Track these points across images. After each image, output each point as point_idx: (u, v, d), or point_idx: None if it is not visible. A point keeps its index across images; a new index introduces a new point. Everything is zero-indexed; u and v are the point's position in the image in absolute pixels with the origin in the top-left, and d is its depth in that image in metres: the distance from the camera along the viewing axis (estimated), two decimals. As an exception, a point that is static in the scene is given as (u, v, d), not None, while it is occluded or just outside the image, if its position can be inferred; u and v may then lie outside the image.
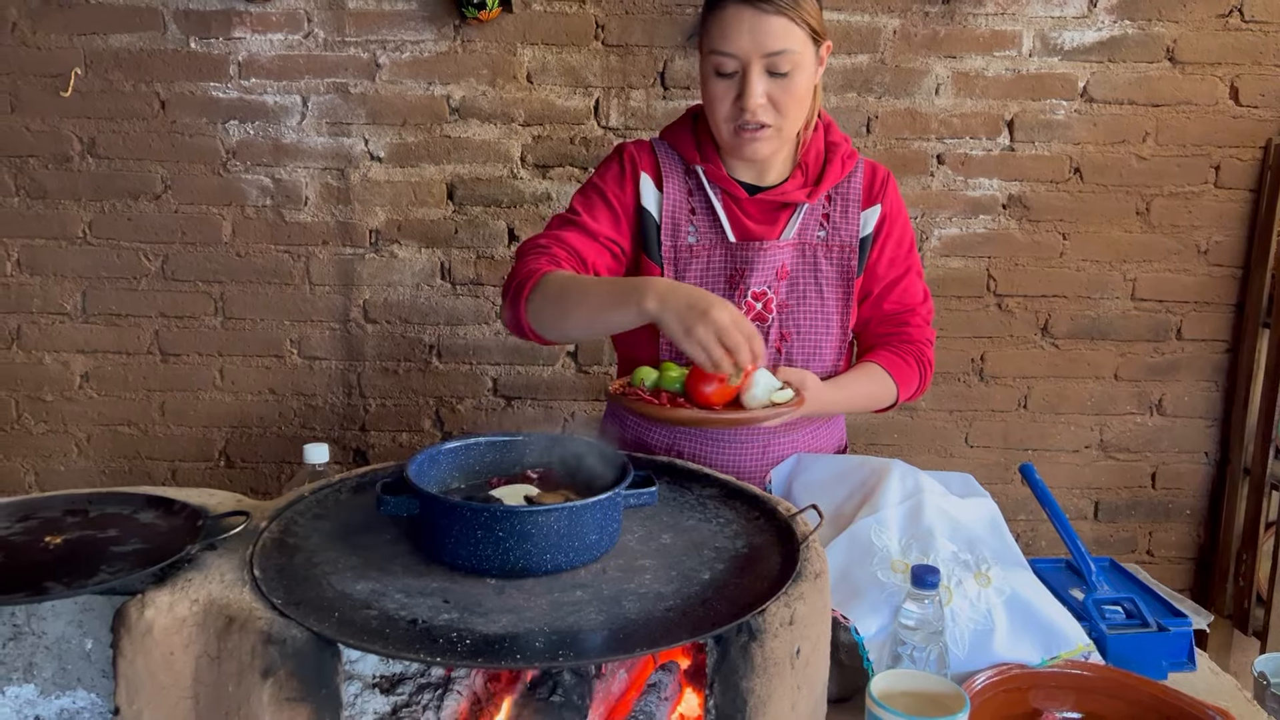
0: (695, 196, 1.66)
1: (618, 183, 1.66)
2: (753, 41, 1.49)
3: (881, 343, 1.74)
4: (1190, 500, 2.91)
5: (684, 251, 1.65)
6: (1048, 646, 1.29)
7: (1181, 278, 2.77)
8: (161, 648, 1.00)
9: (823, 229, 1.67)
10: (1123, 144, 2.69)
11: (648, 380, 1.49)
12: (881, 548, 1.35)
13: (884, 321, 1.75)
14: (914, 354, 1.72)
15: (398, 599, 1.02)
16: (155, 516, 1.21)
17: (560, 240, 1.58)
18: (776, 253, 1.64)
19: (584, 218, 1.62)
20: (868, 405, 1.71)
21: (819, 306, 1.67)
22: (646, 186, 1.65)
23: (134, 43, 2.59)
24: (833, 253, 1.67)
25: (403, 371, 2.78)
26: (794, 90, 1.53)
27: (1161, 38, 2.64)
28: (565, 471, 1.30)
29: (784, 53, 1.50)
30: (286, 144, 2.65)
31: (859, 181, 1.69)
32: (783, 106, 1.53)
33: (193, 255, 2.70)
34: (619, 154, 1.69)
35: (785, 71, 1.51)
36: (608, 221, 1.64)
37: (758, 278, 1.63)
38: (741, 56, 1.50)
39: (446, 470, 1.27)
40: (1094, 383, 2.82)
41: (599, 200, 1.65)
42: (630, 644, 0.94)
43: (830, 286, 1.67)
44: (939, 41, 2.63)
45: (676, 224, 1.65)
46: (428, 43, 2.61)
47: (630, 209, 1.66)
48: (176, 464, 2.83)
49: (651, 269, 1.65)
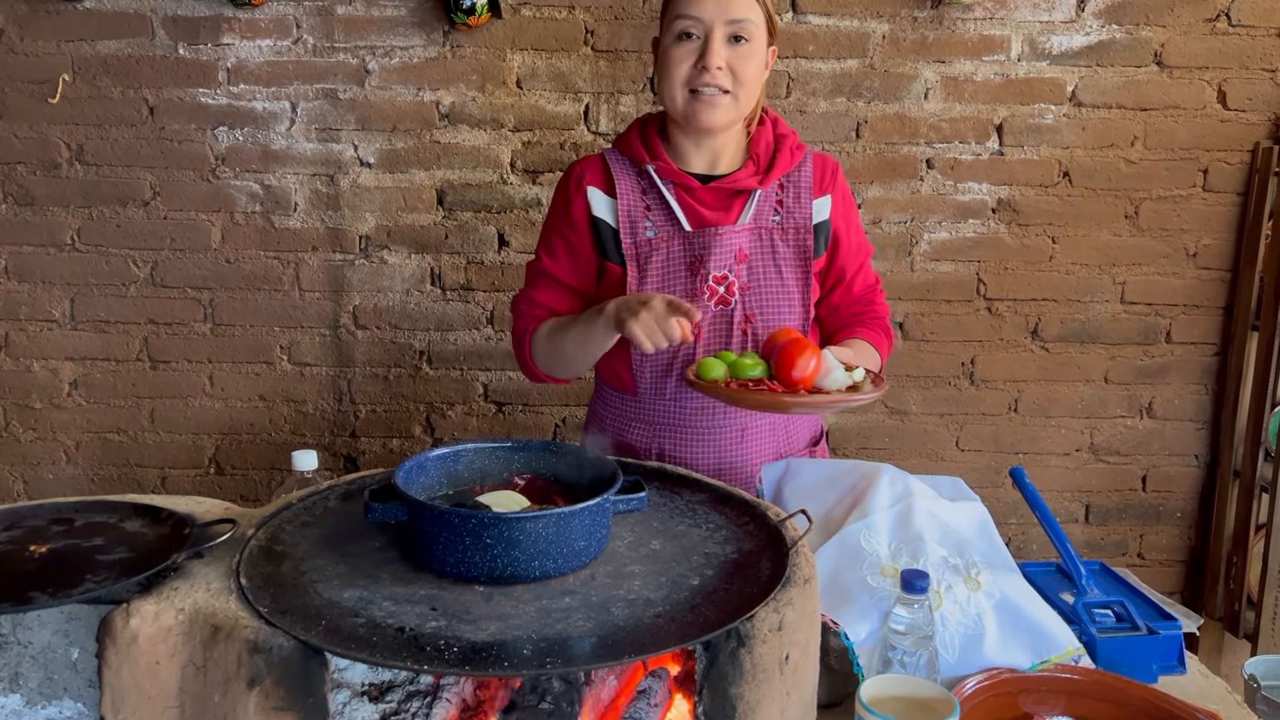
0: (649, 194, 1.72)
1: (565, 212, 1.74)
2: (717, 7, 1.58)
3: (856, 321, 1.84)
4: (1181, 503, 2.92)
5: (644, 246, 1.70)
6: (1038, 650, 1.29)
7: (1170, 281, 2.78)
8: (147, 657, 0.99)
9: (777, 214, 1.73)
10: (1111, 148, 2.70)
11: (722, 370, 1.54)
12: (871, 552, 1.35)
13: (855, 303, 1.85)
14: (882, 328, 1.84)
15: (385, 607, 1.02)
16: (142, 525, 1.20)
17: (535, 303, 1.76)
18: (733, 237, 1.69)
19: (546, 264, 1.76)
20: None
21: (779, 287, 1.72)
22: (595, 197, 1.72)
23: (122, 49, 2.58)
24: (788, 235, 1.72)
25: (393, 378, 2.77)
26: (752, 59, 1.62)
27: (1149, 42, 2.65)
28: (553, 478, 1.30)
29: (744, 21, 1.60)
30: (276, 150, 2.64)
31: (809, 171, 1.76)
32: (740, 74, 1.61)
33: (182, 262, 2.69)
34: (566, 176, 1.77)
35: (745, 39, 1.60)
36: (568, 261, 1.75)
37: (716, 262, 1.68)
38: (706, 20, 1.59)
39: (434, 477, 1.26)
40: (1084, 386, 2.83)
41: (558, 241, 1.76)
42: (618, 651, 0.94)
43: (789, 267, 1.72)
44: (928, 46, 2.64)
45: (634, 222, 1.71)
46: (417, 48, 2.60)
47: (584, 232, 1.73)
48: (166, 471, 2.82)
49: (613, 270, 1.72)
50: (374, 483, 1.21)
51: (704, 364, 1.55)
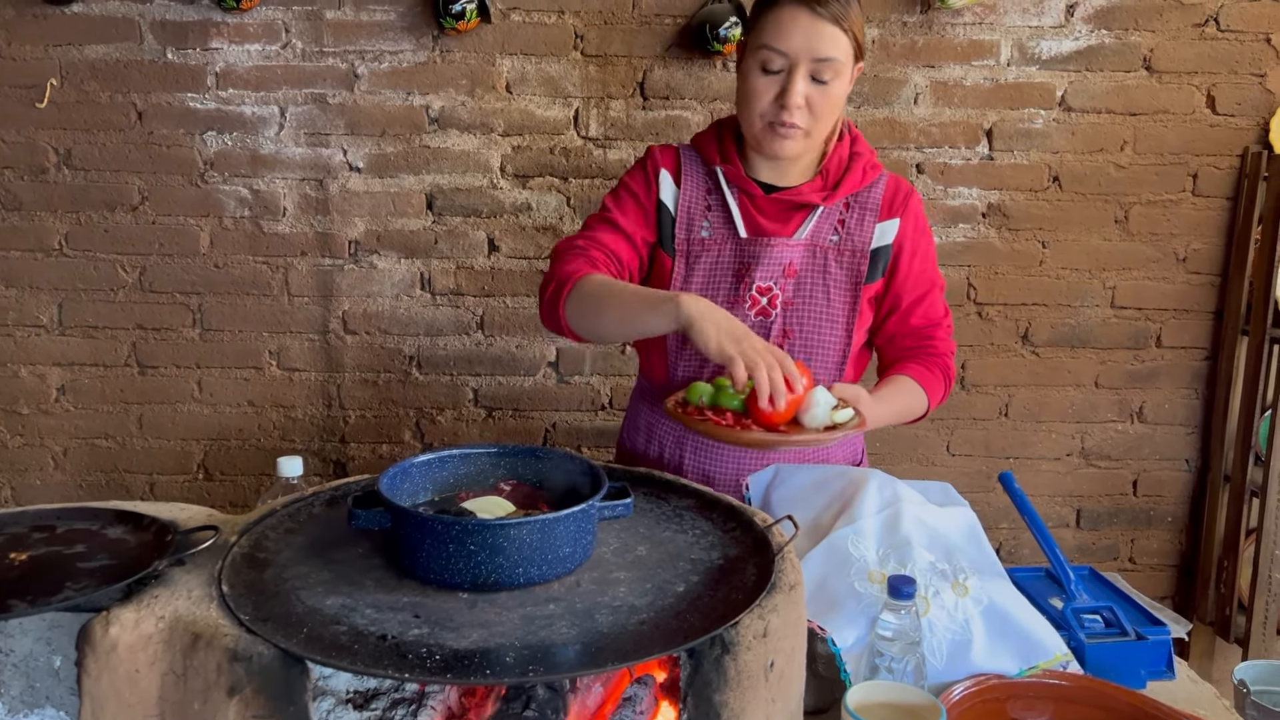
0: (713, 195, 1.71)
1: (644, 182, 1.72)
2: (805, 43, 1.53)
3: (909, 356, 1.76)
4: (1172, 507, 2.92)
5: (696, 245, 1.69)
6: (1026, 656, 1.29)
7: (1161, 285, 2.78)
8: (126, 665, 0.98)
9: (836, 234, 1.69)
10: (1101, 152, 2.71)
11: (706, 397, 1.50)
12: (859, 558, 1.34)
13: (910, 335, 1.77)
14: (940, 366, 1.75)
15: (368, 614, 1.01)
16: (124, 532, 1.19)
17: (596, 241, 1.66)
18: (785, 250, 1.66)
19: (615, 214, 1.70)
20: (905, 418, 1.73)
21: (824, 307, 1.69)
22: (665, 182, 1.71)
23: (110, 53, 2.57)
24: (844, 257, 1.69)
25: (382, 383, 2.77)
26: (831, 98, 1.57)
27: (1138, 47, 2.66)
28: (539, 483, 1.29)
29: (830, 60, 1.54)
30: (264, 155, 2.64)
31: (879, 192, 1.71)
32: (818, 111, 1.57)
33: (170, 267, 2.68)
34: (645, 158, 1.76)
35: (827, 79, 1.55)
36: (637, 218, 1.71)
37: (763, 273, 1.66)
38: (791, 56, 1.54)
39: (419, 483, 1.25)
40: (1074, 390, 2.83)
41: (629, 198, 1.72)
42: (602, 658, 0.93)
43: (838, 289, 1.69)
44: (917, 51, 2.64)
45: (692, 218, 1.70)
46: (406, 53, 2.60)
47: (653, 205, 1.72)
48: (154, 477, 2.80)
49: (664, 261, 1.71)
50: (358, 489, 1.20)
51: (691, 387, 1.53)
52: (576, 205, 2.69)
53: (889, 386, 1.69)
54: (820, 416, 1.44)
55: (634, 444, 1.85)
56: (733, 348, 1.36)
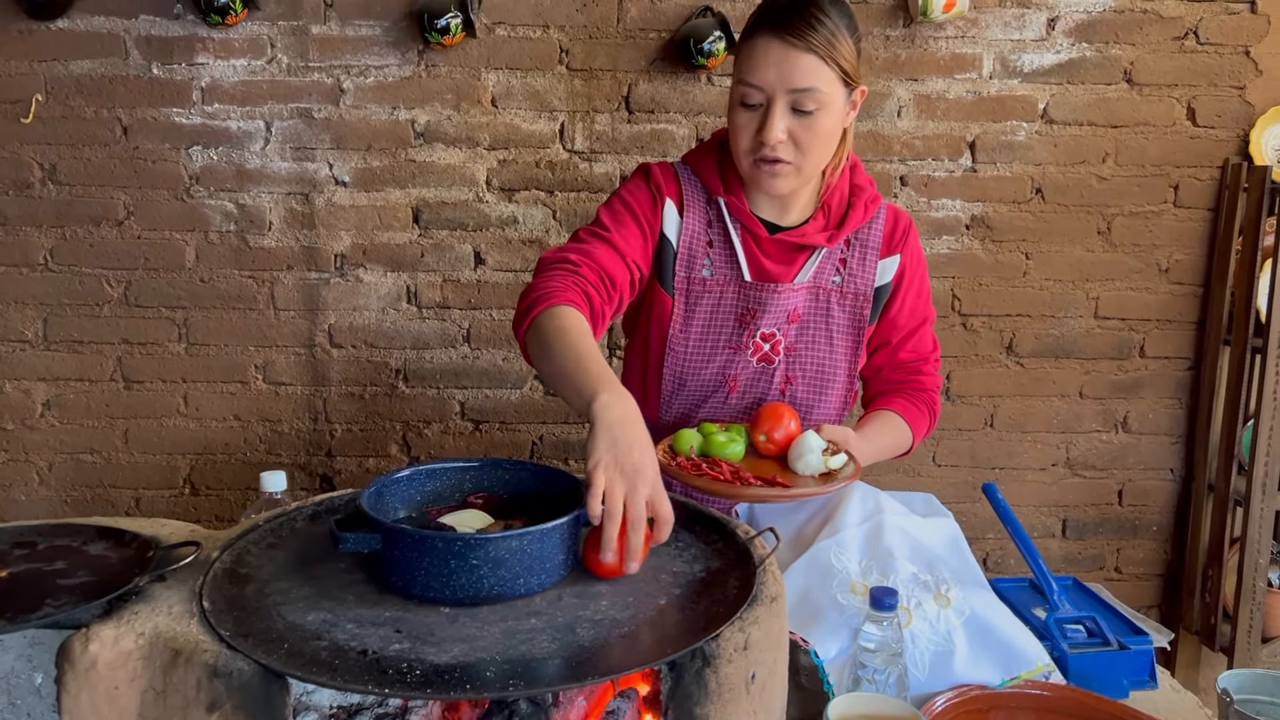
0: (714, 229, 1.63)
1: (650, 204, 1.62)
2: (779, 75, 1.47)
3: (895, 389, 1.75)
4: (1157, 517, 2.93)
5: (697, 284, 1.63)
6: (1008, 667, 1.29)
7: (1144, 296, 2.80)
8: (106, 682, 0.98)
9: (839, 274, 1.66)
10: (1083, 164, 2.73)
11: (695, 446, 1.50)
12: (841, 570, 1.34)
13: (898, 369, 1.76)
14: (926, 402, 1.74)
15: (349, 629, 1.01)
16: (105, 548, 1.19)
17: (589, 257, 1.51)
18: (790, 295, 1.62)
19: (613, 232, 1.57)
20: (890, 454, 1.72)
21: (828, 352, 1.67)
22: (669, 213, 1.63)
23: (95, 69, 2.57)
24: (846, 300, 1.66)
25: (369, 396, 2.76)
26: (817, 130, 1.51)
27: (1119, 60, 2.68)
28: (512, 495, 1.29)
29: (810, 91, 1.48)
30: (250, 169, 2.64)
31: (880, 228, 1.68)
32: (803, 145, 1.51)
33: (156, 281, 2.68)
34: (646, 176, 1.66)
35: (810, 110, 1.49)
36: (637, 242, 1.59)
37: (768, 319, 1.62)
38: (766, 89, 1.49)
39: (392, 502, 1.24)
40: (1059, 401, 2.85)
41: (629, 218, 1.60)
42: (582, 672, 0.94)
43: (841, 333, 1.67)
44: (900, 65, 2.66)
45: (693, 255, 1.63)
46: (392, 68, 2.61)
47: (657, 231, 1.63)
48: (140, 492, 2.79)
49: (663, 300, 1.64)
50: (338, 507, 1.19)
51: (678, 436, 1.51)
52: (562, 219, 2.70)
53: (875, 424, 1.68)
54: (815, 463, 1.46)
55: None
56: (602, 475, 1.11)
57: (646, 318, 1.68)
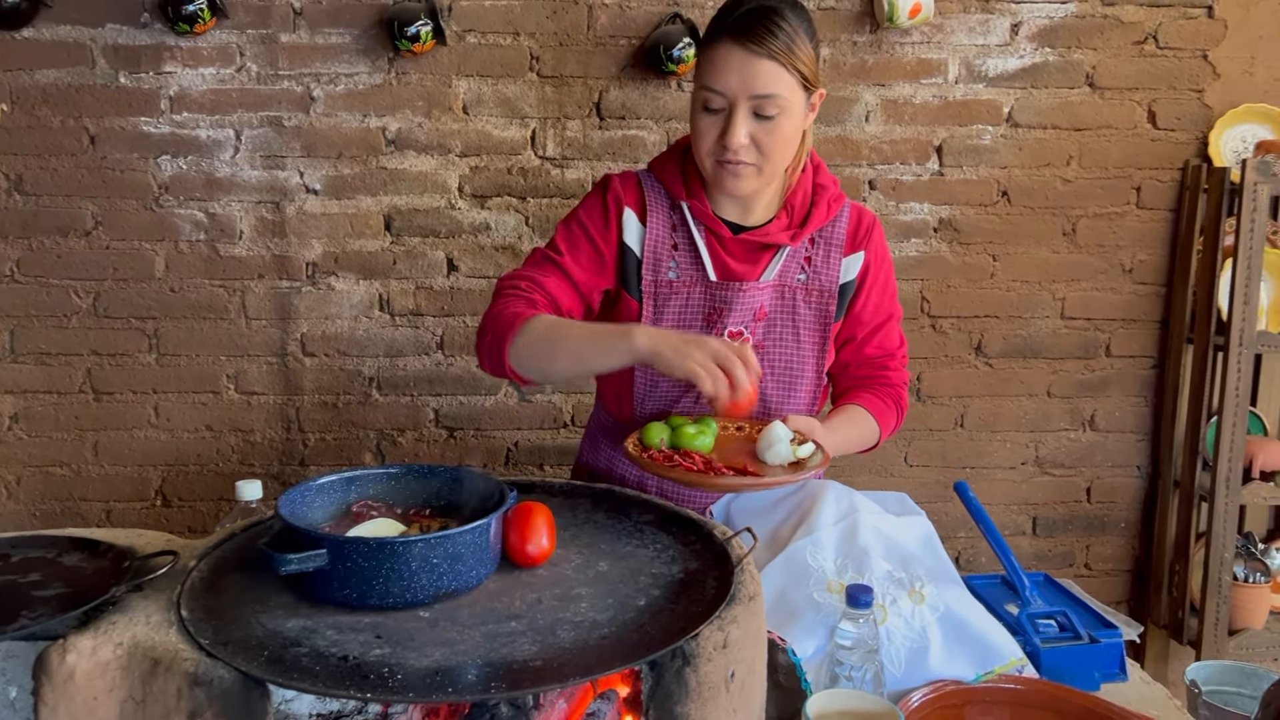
0: (679, 232, 1.66)
1: (602, 221, 1.66)
2: (740, 81, 1.49)
3: (862, 385, 1.77)
4: (1124, 513, 2.98)
5: (664, 287, 1.65)
6: (982, 662, 1.31)
7: (1109, 296, 2.85)
8: (84, 693, 0.98)
9: (803, 272, 1.68)
10: (1048, 167, 2.77)
11: (665, 438, 1.51)
12: (817, 568, 1.36)
13: (864, 365, 1.77)
14: (893, 397, 1.76)
15: (329, 635, 1.01)
16: (80, 559, 1.18)
17: (539, 285, 1.59)
18: (756, 294, 1.64)
19: (566, 260, 1.63)
20: (857, 448, 1.74)
21: (795, 349, 1.69)
22: (630, 222, 1.66)
23: (62, 78, 2.55)
24: (812, 296, 1.68)
25: (342, 405, 2.75)
26: (778, 134, 1.53)
27: (1081, 64, 2.72)
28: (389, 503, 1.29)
29: (771, 97, 1.50)
30: (220, 178, 2.63)
31: (844, 226, 1.70)
32: (765, 148, 1.53)
33: (125, 292, 2.66)
34: (604, 189, 1.68)
35: (771, 115, 1.51)
36: (590, 265, 1.64)
37: (735, 318, 1.64)
38: (728, 95, 1.51)
39: (311, 516, 1.23)
40: (1028, 400, 2.88)
41: (583, 240, 1.65)
42: (563, 673, 0.94)
43: (807, 329, 1.69)
44: (868, 70, 2.69)
45: (658, 259, 1.65)
46: (362, 75, 2.61)
47: (614, 247, 1.66)
48: (111, 504, 2.77)
49: (629, 305, 1.66)
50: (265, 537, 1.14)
51: (647, 429, 1.53)
52: (535, 225, 2.70)
53: (841, 416, 1.70)
54: (784, 453, 1.48)
55: (595, 466, 1.84)
56: (697, 365, 1.36)
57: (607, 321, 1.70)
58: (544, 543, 1.19)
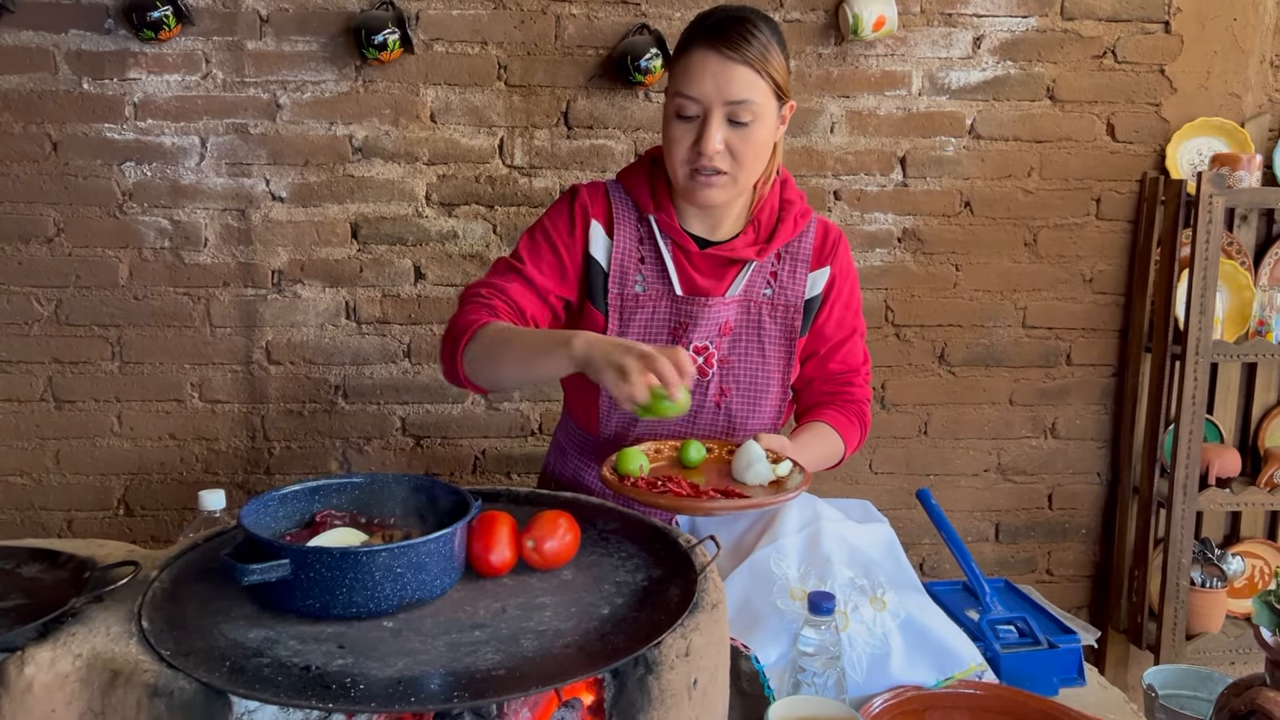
0: (645, 245, 1.66)
1: (568, 230, 1.66)
2: (716, 88, 1.51)
3: (826, 401, 1.77)
4: (1085, 520, 3.02)
5: (630, 300, 1.65)
6: (942, 667, 1.33)
7: (1069, 305, 2.89)
8: (42, 705, 0.97)
9: (769, 287, 1.69)
10: (1009, 178, 2.81)
11: (644, 466, 1.50)
12: (781, 576, 1.37)
13: (828, 380, 1.78)
14: (856, 413, 1.77)
15: (291, 645, 1.01)
16: (39, 570, 1.17)
17: (501, 291, 1.60)
18: (721, 309, 1.65)
19: (529, 267, 1.63)
20: (823, 465, 1.74)
21: (760, 364, 1.69)
22: (596, 234, 1.66)
23: (24, 84, 2.53)
24: (777, 311, 1.69)
25: (308, 413, 2.74)
26: (752, 141, 1.55)
27: (1042, 78, 2.77)
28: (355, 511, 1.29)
29: (746, 103, 1.52)
30: (185, 185, 2.61)
31: (810, 241, 1.71)
32: (740, 156, 1.55)
33: (88, 299, 2.63)
34: (571, 199, 1.69)
35: (746, 121, 1.53)
36: (552, 272, 1.65)
37: (700, 332, 1.65)
38: (704, 101, 1.52)
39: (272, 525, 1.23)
40: (990, 408, 2.92)
41: (546, 248, 1.65)
42: (526, 682, 0.95)
43: (773, 344, 1.69)
44: (832, 82, 2.72)
45: (625, 272, 1.66)
46: (329, 83, 2.60)
47: (578, 258, 1.66)
48: (72, 514, 2.73)
49: (595, 317, 1.66)
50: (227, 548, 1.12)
51: (623, 455, 1.52)
52: (503, 233, 2.71)
53: (808, 434, 1.70)
54: (764, 472, 1.49)
55: (561, 475, 1.84)
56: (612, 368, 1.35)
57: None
58: (506, 553, 1.19)
